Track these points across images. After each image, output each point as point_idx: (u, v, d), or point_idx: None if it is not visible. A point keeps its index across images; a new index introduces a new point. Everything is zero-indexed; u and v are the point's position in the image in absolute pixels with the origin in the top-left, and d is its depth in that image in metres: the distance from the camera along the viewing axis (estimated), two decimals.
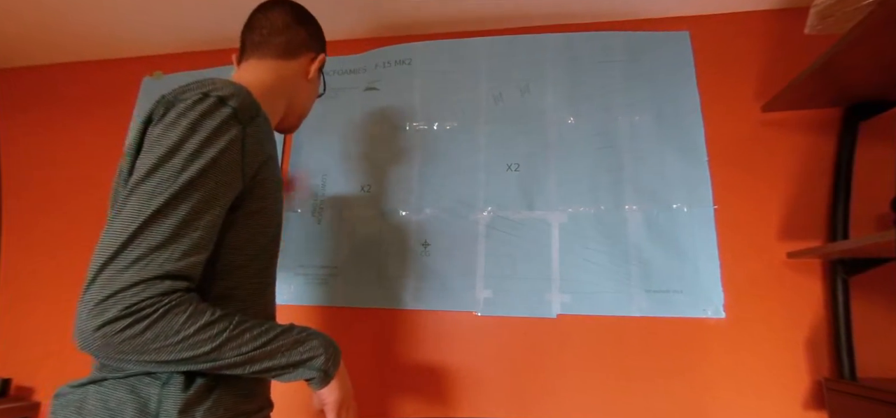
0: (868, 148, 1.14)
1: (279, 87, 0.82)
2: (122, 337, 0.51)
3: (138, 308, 0.51)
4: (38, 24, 1.51)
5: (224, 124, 0.60)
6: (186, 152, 0.56)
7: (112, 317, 0.50)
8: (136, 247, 0.52)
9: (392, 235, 1.32)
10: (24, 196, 1.61)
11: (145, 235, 0.53)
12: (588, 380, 1.15)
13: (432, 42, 1.44)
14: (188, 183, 0.56)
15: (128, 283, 0.51)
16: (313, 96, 0.94)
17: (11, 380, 1.42)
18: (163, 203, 0.54)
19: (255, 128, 0.65)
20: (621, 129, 1.28)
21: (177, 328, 0.53)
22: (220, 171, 0.59)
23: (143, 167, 0.56)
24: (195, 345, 0.55)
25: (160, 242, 0.53)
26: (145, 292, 0.51)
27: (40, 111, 1.69)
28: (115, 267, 0.51)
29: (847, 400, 0.96)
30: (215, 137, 0.59)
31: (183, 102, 0.60)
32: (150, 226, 0.53)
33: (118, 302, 0.50)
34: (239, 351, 0.58)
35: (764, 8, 1.29)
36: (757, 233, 1.17)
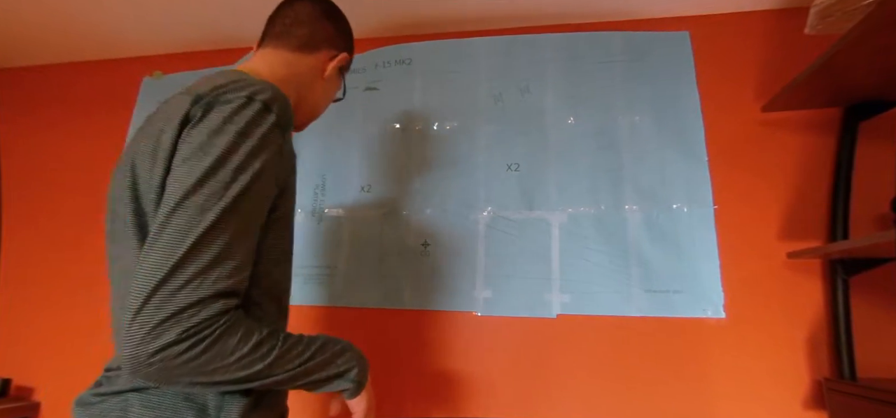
0: (868, 148, 1.14)
1: (290, 80, 0.78)
2: (181, 360, 0.49)
3: (197, 329, 0.49)
4: (38, 24, 1.51)
5: (269, 133, 0.58)
6: (235, 163, 0.54)
7: (171, 341, 0.48)
8: (191, 265, 0.50)
9: (392, 235, 1.32)
10: (23, 196, 1.61)
11: (200, 253, 0.51)
12: (588, 380, 1.15)
13: (432, 42, 1.44)
14: (239, 196, 0.54)
15: (184, 304, 0.49)
16: (328, 97, 0.89)
17: (11, 380, 1.42)
18: (215, 219, 0.52)
19: (289, 132, 0.65)
20: (621, 129, 1.28)
21: (232, 348, 0.52)
22: (265, 182, 0.58)
23: (188, 177, 0.53)
24: (249, 365, 0.54)
25: (213, 260, 0.51)
26: (202, 313, 0.50)
27: (40, 111, 1.69)
28: (170, 287, 0.49)
29: (847, 400, 0.96)
30: (262, 147, 0.57)
31: (227, 104, 0.57)
32: (204, 244, 0.51)
33: (176, 324, 0.48)
34: (287, 368, 0.59)
35: (764, 8, 1.29)
36: (757, 233, 1.17)
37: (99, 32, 1.55)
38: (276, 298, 0.68)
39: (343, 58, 0.86)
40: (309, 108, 0.85)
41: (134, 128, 1.58)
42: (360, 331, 1.27)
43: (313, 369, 0.62)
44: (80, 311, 1.45)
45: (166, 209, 0.52)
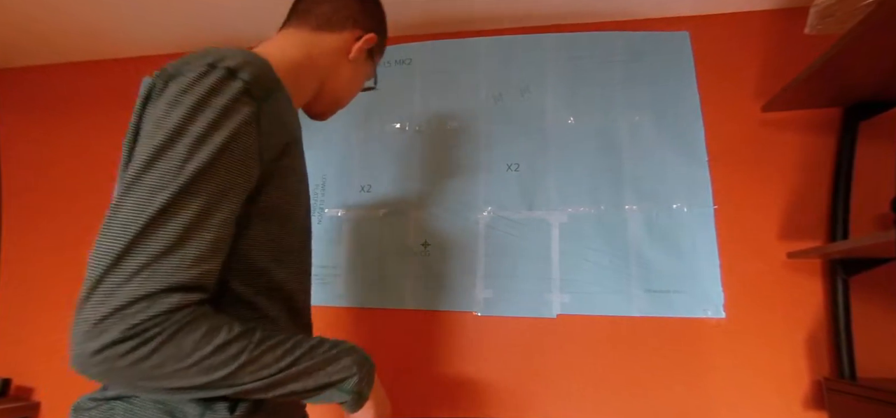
0: (868, 148, 1.14)
1: (306, 62, 0.71)
2: (126, 361, 0.43)
3: (143, 328, 0.43)
4: (38, 24, 1.51)
5: (234, 102, 0.50)
6: (192, 137, 0.47)
7: (113, 340, 0.42)
8: (139, 254, 0.44)
9: (392, 235, 1.32)
10: (23, 196, 1.61)
11: (149, 239, 0.44)
12: (588, 380, 1.15)
13: (432, 42, 1.44)
14: (196, 174, 0.47)
15: (130, 298, 0.43)
16: (355, 81, 0.79)
17: (11, 380, 1.42)
18: (167, 200, 0.45)
19: (274, 104, 0.55)
20: (621, 129, 1.28)
21: (188, 350, 0.45)
22: (233, 159, 0.50)
23: (141, 155, 0.47)
24: (210, 369, 0.47)
25: (166, 247, 0.45)
26: (151, 309, 0.43)
27: (40, 111, 1.69)
28: (115, 278, 0.43)
29: (847, 400, 0.96)
30: (225, 118, 0.49)
31: (185, 76, 0.50)
32: (154, 229, 0.45)
33: (119, 321, 0.42)
34: (260, 375, 0.50)
35: (764, 8, 1.29)
36: (757, 233, 1.17)
37: (99, 32, 1.55)
38: (284, 300, 0.61)
39: (370, 39, 0.77)
40: (332, 94, 0.77)
41: None
42: (360, 331, 1.27)
43: (295, 377, 0.53)
44: None
45: (118, 193, 0.47)
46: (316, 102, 0.77)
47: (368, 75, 0.82)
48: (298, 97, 0.70)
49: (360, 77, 0.80)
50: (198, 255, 0.46)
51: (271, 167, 0.56)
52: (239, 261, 0.55)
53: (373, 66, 0.82)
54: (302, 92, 0.71)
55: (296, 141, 0.61)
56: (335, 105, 0.80)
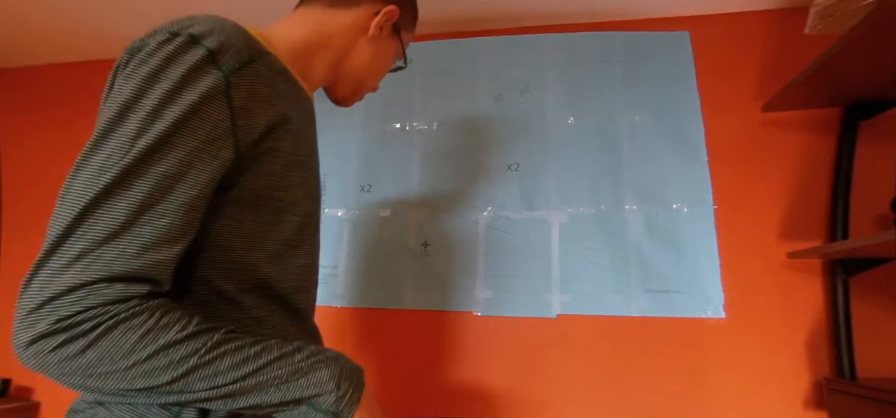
0: (868, 148, 1.14)
1: (318, 41, 0.65)
2: (57, 356, 0.39)
3: (74, 321, 0.38)
4: (38, 24, 1.51)
5: (194, 71, 0.44)
6: (144, 110, 0.42)
7: (42, 332, 0.38)
8: (78, 240, 0.39)
9: (392, 235, 1.32)
10: (23, 196, 1.61)
11: (90, 224, 0.40)
12: (588, 380, 1.15)
13: (432, 42, 1.44)
14: (147, 151, 0.41)
15: (65, 287, 0.38)
16: (378, 61, 0.72)
17: (11, 380, 1.42)
18: (112, 179, 0.40)
19: (250, 76, 0.48)
20: (621, 129, 1.28)
21: (127, 349, 0.40)
22: (194, 134, 0.43)
23: (95, 132, 0.43)
24: (152, 373, 0.41)
25: (109, 233, 0.40)
26: (86, 300, 0.38)
27: (40, 111, 1.69)
28: (52, 266, 0.39)
29: (847, 400, 0.96)
30: (183, 88, 0.43)
31: (146, 46, 0.45)
32: (97, 212, 0.40)
33: (51, 311, 0.38)
34: (213, 382, 0.43)
35: (764, 8, 1.29)
36: (757, 233, 1.17)
37: (99, 32, 1.55)
38: (278, 299, 0.55)
39: (390, 12, 0.69)
40: (352, 76, 0.71)
41: None
42: (361, 331, 1.27)
43: (257, 388, 0.45)
44: None
45: (69, 175, 0.42)
46: (336, 86, 0.72)
47: (396, 54, 0.75)
48: (311, 79, 0.66)
49: (385, 56, 0.73)
50: (146, 243, 0.41)
51: (252, 150, 0.49)
52: (219, 255, 0.49)
53: (400, 44, 0.74)
54: (314, 73, 0.66)
55: (288, 120, 0.53)
56: (357, 87, 0.73)
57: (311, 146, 0.62)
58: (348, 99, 0.75)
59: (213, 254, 0.49)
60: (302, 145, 0.58)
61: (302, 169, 0.57)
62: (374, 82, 0.75)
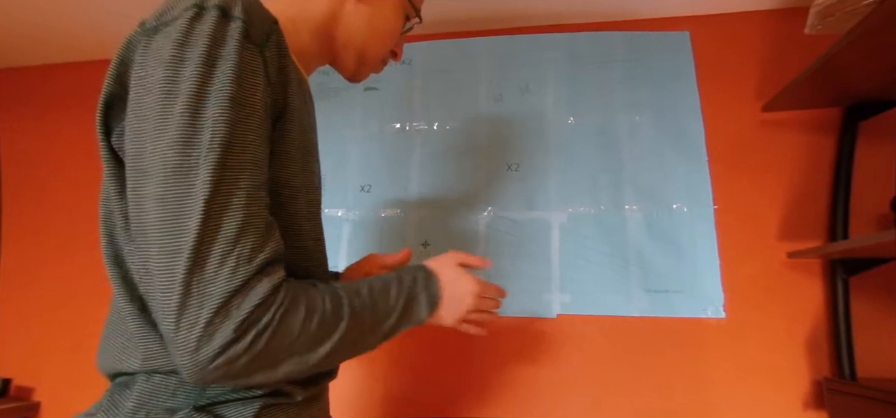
0: (868, 148, 1.14)
1: (303, 16, 0.60)
2: (246, 357, 0.40)
3: (252, 320, 0.39)
4: (38, 24, 1.51)
5: (241, 48, 0.42)
6: (219, 99, 0.40)
7: (228, 340, 0.38)
8: (211, 245, 0.39)
9: (392, 235, 1.32)
10: (23, 196, 1.61)
11: (213, 226, 0.39)
12: (588, 380, 1.15)
13: (432, 42, 1.44)
14: (233, 143, 0.41)
15: (226, 294, 0.38)
16: (377, 24, 0.64)
17: (11, 380, 1.42)
18: (216, 176, 0.39)
19: (273, 50, 0.47)
20: (621, 129, 1.28)
21: (298, 328, 0.43)
22: (260, 117, 0.44)
23: (156, 131, 0.40)
24: (318, 342, 0.45)
25: (238, 229, 0.40)
26: (250, 298, 0.39)
27: (40, 111, 1.69)
28: (200, 280, 0.38)
29: (847, 400, 0.96)
30: (242, 74, 0.42)
31: (173, 25, 0.42)
32: (213, 213, 0.39)
33: (228, 320, 0.38)
34: (361, 330, 0.49)
35: (764, 8, 1.29)
36: (757, 233, 1.17)
37: (99, 32, 1.55)
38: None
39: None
40: (352, 48, 0.65)
41: None
42: None
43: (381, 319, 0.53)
44: (80, 311, 1.45)
45: (141, 181, 0.40)
46: (339, 61, 0.67)
47: (403, 9, 0.67)
48: (304, 58, 0.61)
49: (383, 17, 0.65)
50: (265, 230, 0.42)
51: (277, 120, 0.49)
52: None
53: (403, 18, 0.67)
54: (308, 52, 0.61)
55: (296, 104, 0.52)
56: (360, 58, 0.66)
57: (311, 128, 0.60)
58: (356, 72, 0.68)
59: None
60: (306, 132, 0.56)
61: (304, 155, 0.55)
62: (380, 48, 0.67)
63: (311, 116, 0.60)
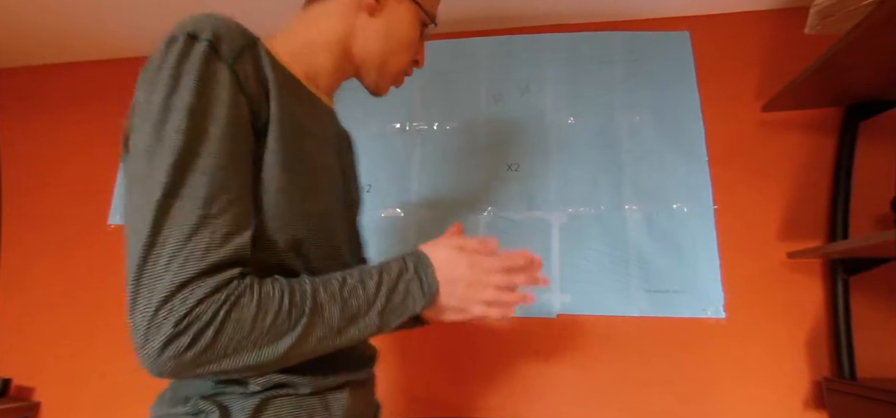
0: (868, 148, 1.14)
1: (317, 38, 0.62)
2: (194, 351, 0.41)
3: (194, 316, 0.41)
4: (38, 24, 1.51)
5: (205, 67, 0.46)
6: (177, 111, 0.44)
7: (169, 335, 0.40)
8: (163, 245, 0.41)
9: (392, 235, 1.32)
10: (23, 196, 1.61)
11: (168, 228, 0.41)
12: (588, 380, 1.15)
13: (432, 42, 1.44)
14: (188, 151, 0.43)
15: (169, 290, 0.40)
16: (392, 33, 0.65)
17: (11, 380, 1.42)
18: (170, 183, 0.42)
19: (247, 64, 0.50)
20: (621, 129, 1.28)
21: (249, 323, 0.43)
22: (225, 124, 0.46)
23: (133, 147, 0.45)
24: (276, 338, 0.45)
25: (190, 231, 0.42)
26: (194, 294, 0.41)
27: (40, 111, 1.69)
28: (149, 276, 0.40)
29: (847, 400, 0.96)
30: (202, 86, 0.45)
31: (154, 55, 0.48)
32: (169, 216, 0.42)
33: (167, 316, 0.40)
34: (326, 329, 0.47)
35: (764, 8, 1.29)
36: (757, 233, 1.17)
37: (99, 32, 1.55)
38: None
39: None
40: (369, 60, 0.66)
41: None
42: None
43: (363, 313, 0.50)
44: (80, 311, 1.45)
45: (126, 191, 0.45)
46: (360, 76, 0.69)
47: (417, 17, 0.67)
48: (322, 79, 0.64)
49: (399, 26, 0.66)
50: (227, 231, 0.44)
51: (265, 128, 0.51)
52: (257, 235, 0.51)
53: (416, 8, 0.66)
54: (323, 72, 0.64)
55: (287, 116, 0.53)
56: (380, 70, 0.68)
57: (314, 136, 0.60)
58: (378, 85, 0.70)
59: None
60: (307, 144, 0.57)
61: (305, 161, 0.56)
62: (400, 58, 0.68)
63: (317, 126, 0.60)
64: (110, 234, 1.49)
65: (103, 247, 1.48)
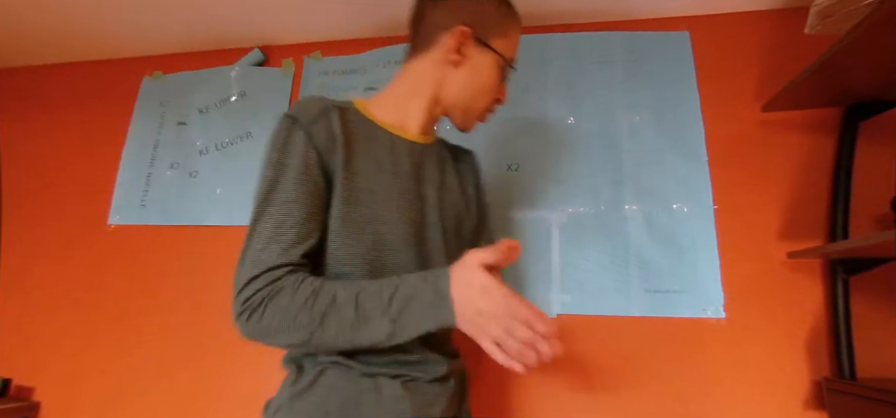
0: (868, 148, 1.14)
1: (412, 90, 0.78)
2: (252, 324, 0.60)
3: (252, 301, 0.60)
4: (38, 24, 1.51)
5: (288, 133, 0.67)
6: (268, 166, 0.66)
7: (240, 311, 0.60)
8: (246, 251, 0.63)
9: None
10: (23, 196, 1.61)
11: (251, 241, 0.63)
12: (587, 380, 1.15)
13: None
14: (270, 190, 0.64)
15: (244, 281, 0.61)
16: (475, 81, 0.77)
17: (11, 380, 1.42)
18: (256, 212, 0.64)
19: (321, 127, 0.68)
20: (621, 129, 1.28)
21: (283, 309, 0.60)
22: (297, 172, 0.65)
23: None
24: (305, 325, 0.60)
25: (264, 243, 0.62)
26: (253, 285, 0.60)
27: (40, 111, 1.69)
28: (239, 272, 0.62)
29: (847, 400, 0.96)
30: (284, 146, 0.66)
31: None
32: (252, 234, 0.63)
33: (239, 297, 0.60)
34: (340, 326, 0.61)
35: (764, 8, 1.29)
36: (757, 233, 1.17)
37: (99, 32, 1.55)
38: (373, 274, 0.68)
39: (461, 32, 0.74)
40: (455, 105, 0.79)
41: (134, 127, 1.58)
42: None
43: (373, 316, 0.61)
44: (80, 311, 1.45)
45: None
46: (449, 116, 0.82)
47: (497, 63, 0.78)
48: (412, 121, 0.78)
49: (481, 73, 0.77)
50: (284, 247, 0.62)
51: (338, 179, 0.68)
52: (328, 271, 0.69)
53: (494, 53, 0.77)
54: (414, 116, 0.78)
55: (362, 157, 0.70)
56: (466, 113, 0.80)
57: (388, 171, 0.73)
58: (465, 124, 0.83)
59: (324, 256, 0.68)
60: (380, 178, 0.71)
61: (374, 191, 0.70)
62: (482, 101, 0.80)
63: (392, 162, 0.74)
64: (110, 234, 1.49)
65: (103, 247, 1.48)
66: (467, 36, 0.75)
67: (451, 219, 0.81)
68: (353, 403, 0.64)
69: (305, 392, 0.66)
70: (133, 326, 1.39)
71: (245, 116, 1.50)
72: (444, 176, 0.83)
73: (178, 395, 1.32)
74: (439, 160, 0.84)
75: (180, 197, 1.48)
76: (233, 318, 0.61)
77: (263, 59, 1.54)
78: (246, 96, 1.52)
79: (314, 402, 0.64)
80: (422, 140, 0.79)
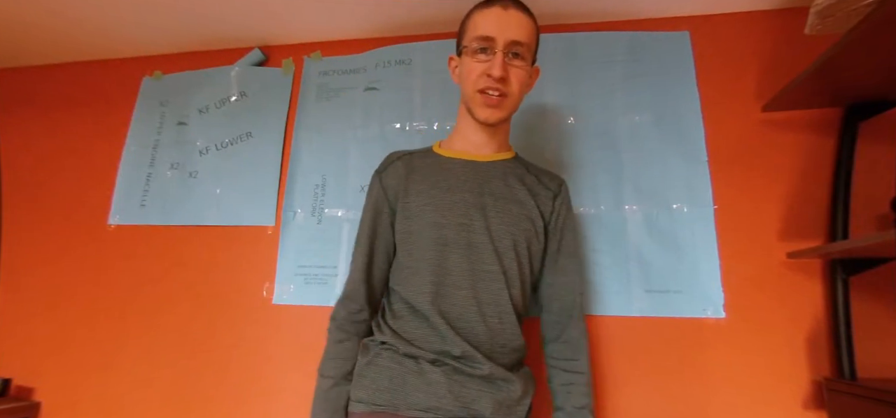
0: (868, 148, 1.14)
1: (458, 117, 1.04)
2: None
3: (335, 320, 0.95)
4: (38, 24, 1.51)
5: (372, 182, 1.01)
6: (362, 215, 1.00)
7: (331, 321, 0.96)
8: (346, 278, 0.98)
9: None
10: (23, 196, 1.61)
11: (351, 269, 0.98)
12: None
13: (432, 42, 1.44)
14: (360, 229, 0.98)
15: (338, 301, 0.97)
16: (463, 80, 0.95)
17: (11, 380, 1.42)
18: (354, 249, 0.98)
19: (389, 172, 0.98)
20: (621, 129, 1.28)
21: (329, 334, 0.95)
22: (370, 211, 0.98)
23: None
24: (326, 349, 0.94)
25: (350, 274, 0.97)
26: (337, 310, 0.96)
27: (40, 111, 1.69)
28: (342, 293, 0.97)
29: (847, 400, 0.96)
30: (369, 193, 1.01)
31: None
32: (351, 262, 0.98)
33: (334, 311, 0.96)
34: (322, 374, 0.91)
35: (764, 8, 1.29)
36: (757, 233, 1.17)
37: (99, 32, 1.55)
38: (406, 303, 0.89)
39: (449, 60, 1.02)
40: (465, 106, 0.97)
41: (134, 127, 1.58)
42: None
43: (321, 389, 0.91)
44: (80, 311, 1.45)
45: None
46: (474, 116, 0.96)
47: (466, 53, 0.92)
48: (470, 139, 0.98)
49: (463, 72, 0.94)
50: (359, 276, 0.95)
51: (398, 206, 0.95)
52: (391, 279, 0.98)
53: (473, 52, 0.91)
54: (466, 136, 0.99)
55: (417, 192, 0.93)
56: (469, 105, 0.94)
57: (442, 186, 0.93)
58: (477, 114, 0.94)
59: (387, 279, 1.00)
60: (429, 205, 0.91)
61: (423, 216, 0.91)
62: (468, 88, 0.92)
63: (448, 179, 0.94)
64: (110, 234, 1.49)
65: (103, 247, 1.48)
66: (453, 59, 1.00)
67: (508, 225, 0.91)
68: (401, 381, 0.83)
69: (366, 369, 0.87)
70: (133, 326, 1.39)
71: (245, 116, 1.50)
72: (512, 190, 0.94)
73: (178, 395, 1.32)
74: (509, 176, 0.96)
75: (180, 197, 1.48)
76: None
77: (263, 58, 1.54)
78: (246, 96, 1.52)
79: (372, 378, 0.86)
80: (487, 158, 0.97)
